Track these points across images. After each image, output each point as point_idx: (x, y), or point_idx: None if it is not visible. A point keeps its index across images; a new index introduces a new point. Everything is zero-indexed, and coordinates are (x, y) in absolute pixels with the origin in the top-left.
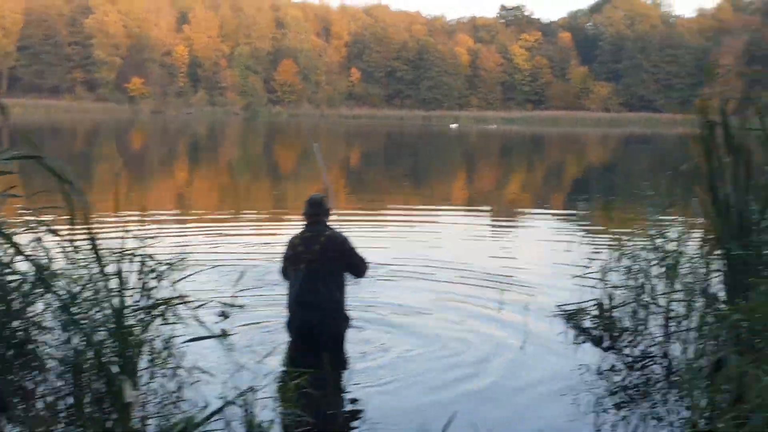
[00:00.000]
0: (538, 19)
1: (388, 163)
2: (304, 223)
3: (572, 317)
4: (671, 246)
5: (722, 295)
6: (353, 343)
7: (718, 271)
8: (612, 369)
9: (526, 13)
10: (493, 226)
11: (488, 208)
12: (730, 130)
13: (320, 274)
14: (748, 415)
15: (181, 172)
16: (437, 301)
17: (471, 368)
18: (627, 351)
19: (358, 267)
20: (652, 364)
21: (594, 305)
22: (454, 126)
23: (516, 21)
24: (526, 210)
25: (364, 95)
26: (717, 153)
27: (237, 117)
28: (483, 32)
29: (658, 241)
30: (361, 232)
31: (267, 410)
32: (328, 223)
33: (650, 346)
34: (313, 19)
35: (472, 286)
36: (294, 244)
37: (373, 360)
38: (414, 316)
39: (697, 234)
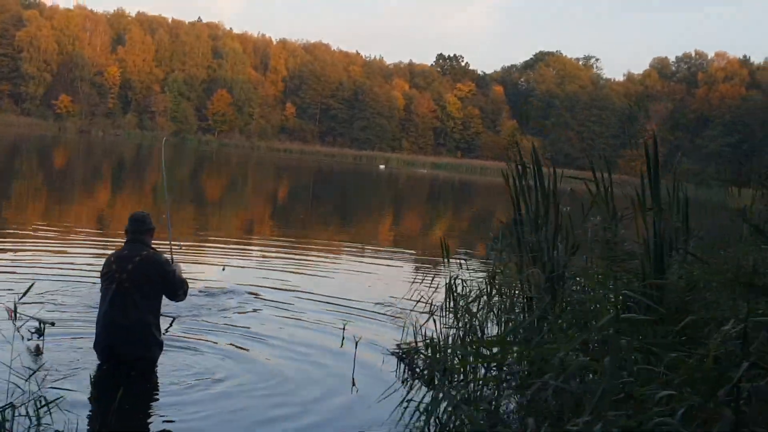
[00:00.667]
0: (474, 71)
1: (306, 198)
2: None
3: (407, 355)
4: (499, 289)
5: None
6: (182, 370)
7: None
8: (436, 411)
9: (462, 64)
10: (386, 264)
11: (392, 248)
12: (541, 177)
13: (131, 295)
14: None
15: (71, 190)
16: (287, 331)
17: (296, 405)
18: (454, 392)
19: (175, 291)
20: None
21: (425, 345)
22: (382, 167)
23: (452, 70)
24: (428, 251)
25: (297, 130)
26: (526, 199)
27: (165, 142)
28: (419, 78)
29: (495, 283)
30: (256, 259)
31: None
32: (150, 242)
33: (477, 390)
34: (252, 52)
35: (330, 319)
36: (109, 262)
37: (194, 390)
38: (258, 344)
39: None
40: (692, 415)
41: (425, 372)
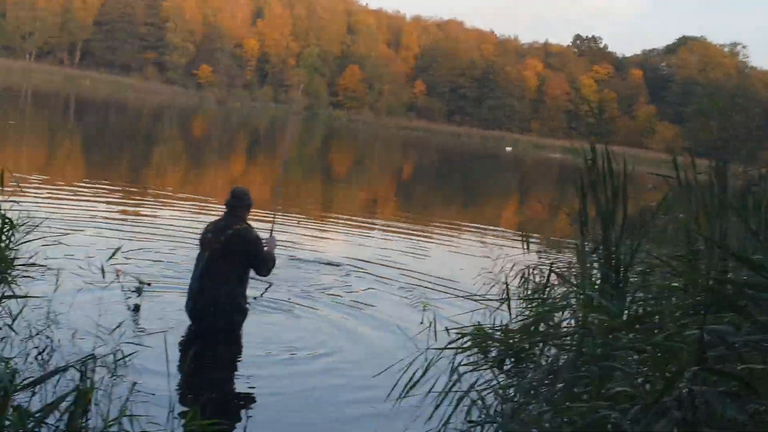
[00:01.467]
0: (612, 53)
1: (430, 177)
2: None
3: (482, 336)
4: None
5: None
6: (267, 339)
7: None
8: (504, 395)
9: (600, 46)
10: (500, 246)
11: (508, 231)
12: (611, 168)
13: (220, 264)
14: None
15: (196, 157)
16: (378, 308)
17: (364, 386)
18: (523, 377)
19: (260, 267)
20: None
21: (500, 328)
22: (509, 149)
23: (589, 52)
24: (551, 236)
25: (426, 108)
26: (597, 190)
27: (297, 116)
28: (554, 59)
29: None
30: (369, 234)
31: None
32: (246, 218)
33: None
34: (385, 29)
35: (415, 298)
36: (207, 230)
37: (276, 361)
38: (346, 320)
39: None
40: (645, 414)
41: (496, 358)
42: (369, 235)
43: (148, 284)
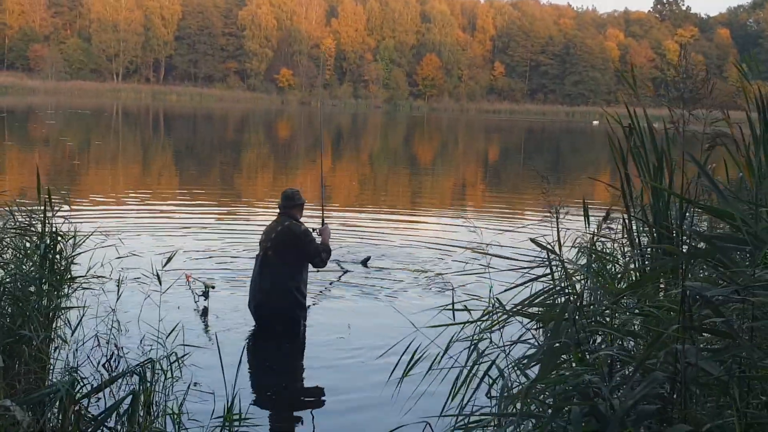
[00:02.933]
0: (696, 14)
1: (516, 161)
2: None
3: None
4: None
5: None
6: (332, 338)
7: None
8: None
9: (683, 8)
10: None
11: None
12: (652, 132)
13: (274, 261)
14: None
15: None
16: (447, 294)
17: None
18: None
19: (313, 258)
20: None
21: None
22: (596, 123)
23: (671, 15)
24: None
25: (506, 90)
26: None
27: (378, 110)
28: (635, 26)
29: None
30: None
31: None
32: (299, 216)
33: None
34: (459, 13)
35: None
36: (264, 231)
37: (339, 360)
38: (406, 309)
39: None
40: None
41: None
42: (453, 222)
43: (212, 287)
